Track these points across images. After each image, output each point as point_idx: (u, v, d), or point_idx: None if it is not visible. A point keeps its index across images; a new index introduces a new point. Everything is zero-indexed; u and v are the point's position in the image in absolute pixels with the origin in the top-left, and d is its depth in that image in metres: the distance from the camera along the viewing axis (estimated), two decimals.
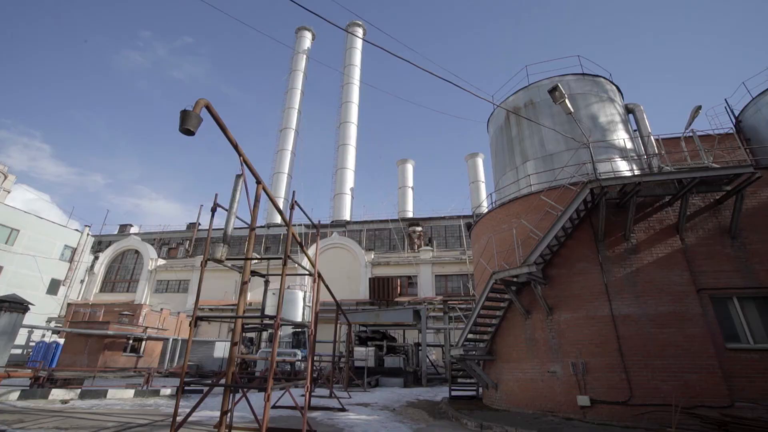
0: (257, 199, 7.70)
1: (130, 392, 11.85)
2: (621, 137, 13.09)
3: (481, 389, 13.24)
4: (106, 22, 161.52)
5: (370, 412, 10.70)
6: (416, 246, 43.93)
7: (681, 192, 9.72)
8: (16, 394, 10.55)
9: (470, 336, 12.03)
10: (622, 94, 14.72)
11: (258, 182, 7.76)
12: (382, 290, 34.80)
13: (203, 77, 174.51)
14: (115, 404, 10.76)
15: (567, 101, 10.50)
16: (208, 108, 5.99)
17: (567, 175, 12.14)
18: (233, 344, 6.66)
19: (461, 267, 36.48)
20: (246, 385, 6.98)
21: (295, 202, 7.21)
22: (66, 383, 12.39)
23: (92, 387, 11.91)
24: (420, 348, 25.85)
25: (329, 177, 67.96)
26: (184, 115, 5.44)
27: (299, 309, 31.12)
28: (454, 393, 13.41)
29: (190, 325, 6.56)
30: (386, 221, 50.93)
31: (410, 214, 62.63)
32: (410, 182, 65.25)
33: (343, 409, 10.84)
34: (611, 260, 10.12)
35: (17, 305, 13.67)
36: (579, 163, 11.59)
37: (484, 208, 56.98)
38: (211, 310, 37.17)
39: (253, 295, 38.22)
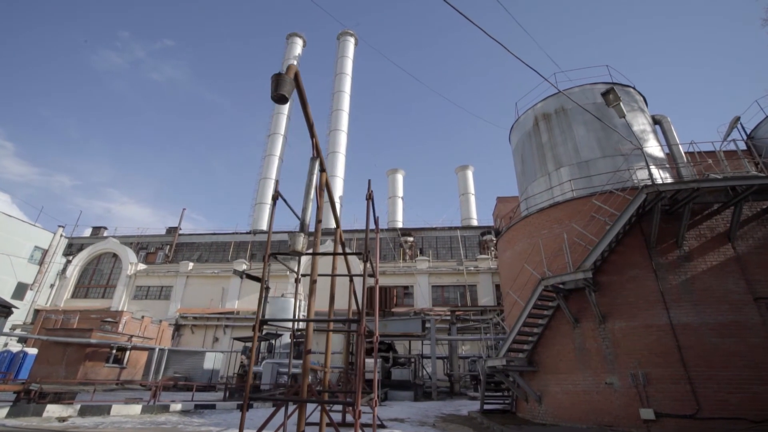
0: (321, 188, 6.95)
1: (137, 408, 10.49)
2: (653, 146, 13.14)
3: (513, 402, 12.65)
4: (83, 19, 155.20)
5: (411, 429, 9.87)
6: (408, 256, 43.39)
7: (734, 200, 9.66)
8: (3, 411, 9.06)
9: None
10: (647, 105, 14.89)
11: (322, 170, 7.03)
12: (379, 300, 33.80)
13: (183, 81, 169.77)
14: (123, 422, 9.44)
15: (622, 105, 10.35)
16: (296, 77, 5.28)
17: (604, 182, 12.03)
18: (307, 352, 5.79)
19: (458, 277, 36.13)
20: (330, 401, 6.07)
21: (371, 194, 6.50)
22: (57, 398, 10.87)
23: (92, 402, 10.48)
24: (424, 359, 25.07)
25: None
26: (279, 79, 4.71)
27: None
28: (487, 406, 12.73)
29: (253, 329, 5.67)
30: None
31: (400, 224, 62.19)
32: (400, 192, 65.03)
33: (382, 426, 9.95)
34: (665, 267, 9.88)
35: None
36: (627, 169, 11.43)
37: (474, 220, 57.03)
38: (195, 318, 35.02)
39: (242, 303, 36.37)
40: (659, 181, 12.16)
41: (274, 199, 6.50)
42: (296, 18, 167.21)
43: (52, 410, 9.56)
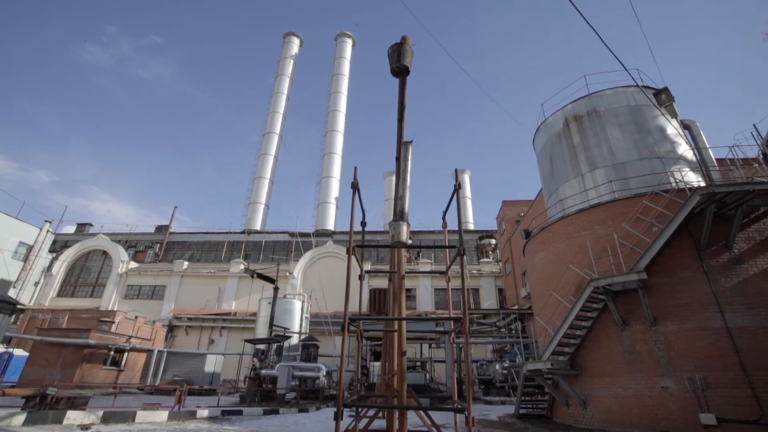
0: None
1: (163, 414, 9.71)
2: (686, 149, 13.15)
3: (549, 407, 12.36)
4: (69, 12, 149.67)
5: None
6: (406, 259, 43.08)
7: None
8: (20, 418, 8.21)
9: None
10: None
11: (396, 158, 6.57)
12: (382, 302, 33.38)
13: (171, 79, 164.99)
14: (151, 430, 8.69)
15: (674, 105, 10.26)
16: None
17: (641, 183, 11.99)
18: (401, 354, 5.31)
19: (460, 280, 35.93)
20: (433, 407, 5.57)
21: (459, 183, 6.09)
22: (71, 403, 10.01)
23: (114, 408, 9.66)
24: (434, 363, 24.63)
25: (312, 186, 65.94)
26: (401, 49, 4.26)
27: (296, 319, 28.97)
28: (522, 411, 12.40)
29: (343, 329, 5.17)
30: (374, 232, 49.84)
31: None
32: None
33: None
34: (716, 270, 9.79)
35: (4, 304, 11.06)
36: (672, 171, 11.37)
37: (471, 224, 56.85)
38: (190, 319, 33.75)
39: (239, 304, 35.25)
40: (697, 185, 12.17)
41: (354, 187, 6.03)
42: (291, 18, 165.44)
43: (73, 417, 8.73)
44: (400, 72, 4.27)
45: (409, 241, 5.32)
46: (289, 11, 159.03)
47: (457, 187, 5.86)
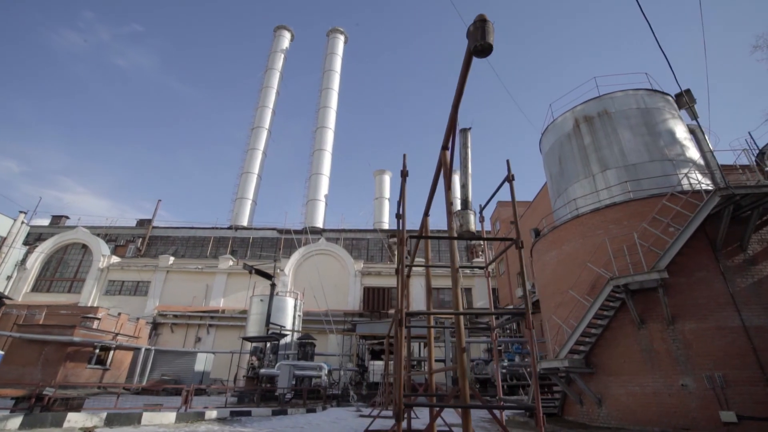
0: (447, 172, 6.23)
1: (171, 416, 9.11)
2: (694, 153, 13.41)
3: (561, 405, 12.36)
4: None
5: None
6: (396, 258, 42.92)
7: None
8: (16, 421, 7.52)
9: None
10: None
11: (444, 147, 6.31)
12: (376, 301, 33.15)
13: (151, 70, 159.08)
14: None
15: (695, 107, 10.38)
16: None
17: (653, 185, 12.17)
18: (461, 350, 5.04)
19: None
20: (498, 406, 5.34)
21: (512, 176, 5.85)
22: (65, 404, 9.31)
23: (117, 409, 9.00)
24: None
25: (300, 183, 65.00)
26: (485, 26, 3.98)
27: (289, 317, 28.32)
28: None
29: (399, 324, 4.87)
30: (364, 231, 49.43)
31: (386, 226, 61.55)
32: (387, 193, 64.42)
33: None
34: (732, 270, 9.96)
35: None
36: (686, 173, 11.53)
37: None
38: (175, 316, 32.53)
39: (227, 301, 34.22)
40: (707, 187, 12.40)
41: (404, 175, 5.72)
42: (281, 14, 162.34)
43: (74, 419, 8.07)
44: (483, 51, 3.99)
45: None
46: (279, 6, 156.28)
47: (510, 179, 5.64)
